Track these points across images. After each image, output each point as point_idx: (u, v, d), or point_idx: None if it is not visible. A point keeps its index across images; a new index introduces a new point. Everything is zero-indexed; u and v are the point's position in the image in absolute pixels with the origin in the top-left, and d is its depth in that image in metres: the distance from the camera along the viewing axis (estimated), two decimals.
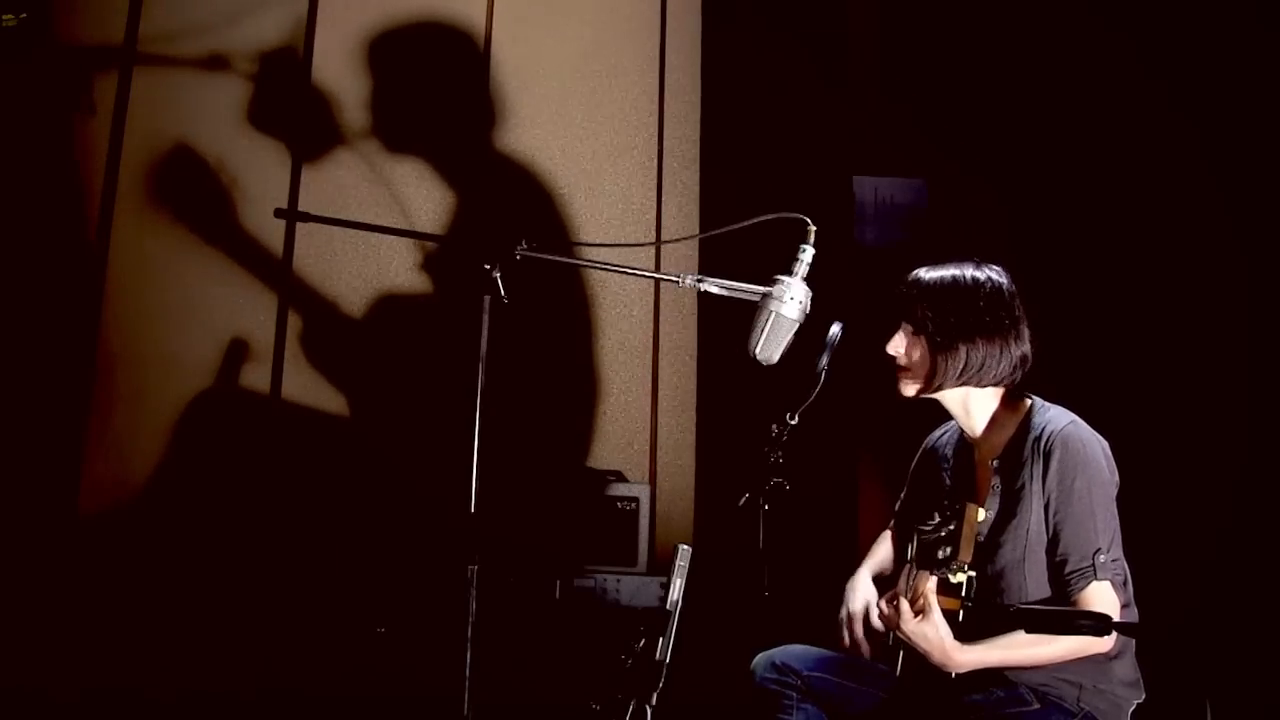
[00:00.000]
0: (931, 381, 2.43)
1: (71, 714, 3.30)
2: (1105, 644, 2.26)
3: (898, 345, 2.47)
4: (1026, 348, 2.43)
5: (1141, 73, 3.73)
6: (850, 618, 2.51)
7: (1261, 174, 3.54)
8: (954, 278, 2.43)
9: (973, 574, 2.25)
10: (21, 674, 3.27)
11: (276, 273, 3.74)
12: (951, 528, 2.22)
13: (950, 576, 2.22)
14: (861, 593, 2.55)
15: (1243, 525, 3.37)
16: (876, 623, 2.40)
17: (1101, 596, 2.26)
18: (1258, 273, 3.53)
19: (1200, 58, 3.66)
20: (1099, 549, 2.26)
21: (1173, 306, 3.61)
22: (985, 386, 2.45)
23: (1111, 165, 3.73)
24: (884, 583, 2.58)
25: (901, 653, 2.39)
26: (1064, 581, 2.28)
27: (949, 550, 2.21)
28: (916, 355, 2.45)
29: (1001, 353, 2.40)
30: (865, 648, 2.47)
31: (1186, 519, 3.36)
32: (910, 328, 2.46)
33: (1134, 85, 3.74)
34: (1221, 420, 3.48)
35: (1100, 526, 2.28)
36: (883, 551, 2.71)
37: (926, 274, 2.46)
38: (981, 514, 2.25)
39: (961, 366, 2.40)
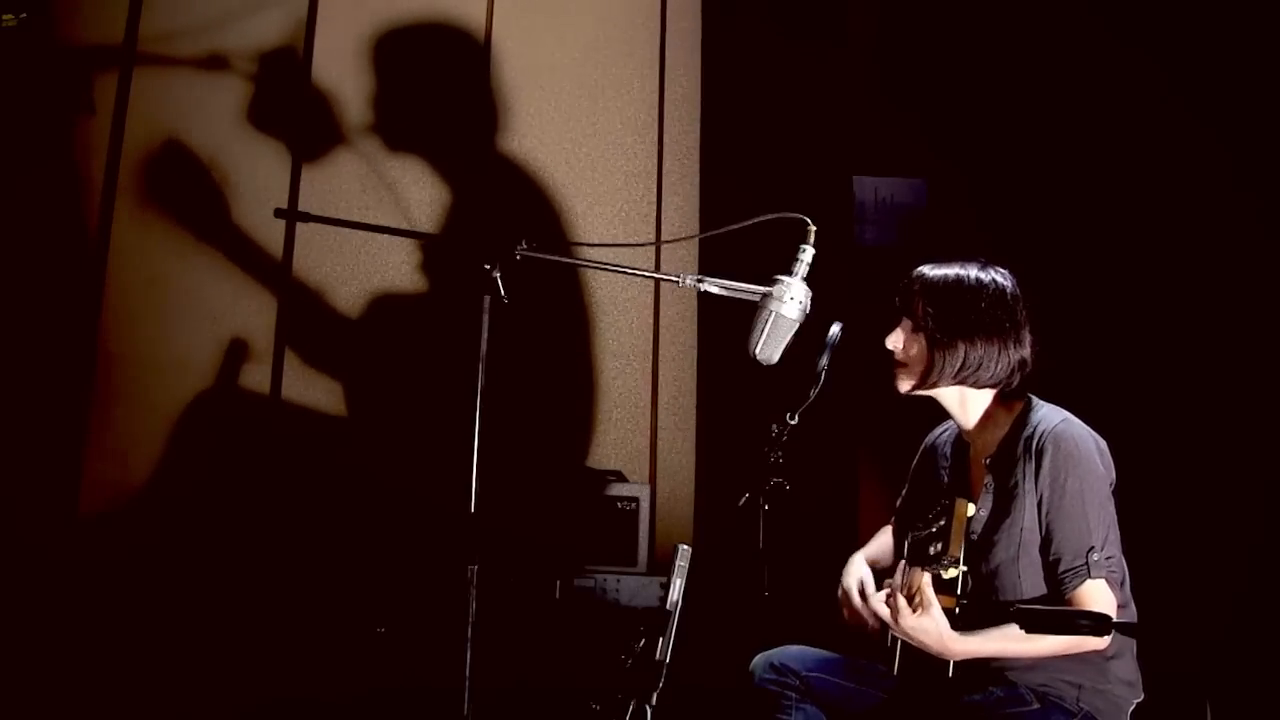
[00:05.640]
0: (927, 378, 2.43)
1: (71, 714, 3.30)
2: (1101, 641, 2.26)
3: (896, 340, 2.48)
4: (1026, 352, 2.42)
5: (1142, 71, 3.73)
6: (845, 593, 2.51)
7: (1262, 171, 3.54)
8: (958, 277, 2.43)
9: (965, 569, 2.26)
10: (21, 674, 3.27)
11: (276, 273, 3.74)
12: (942, 523, 2.23)
13: (943, 573, 2.23)
14: (855, 572, 2.55)
15: (1242, 525, 3.37)
16: (880, 610, 2.38)
17: (1096, 594, 2.26)
18: (1258, 271, 3.53)
19: (1202, 55, 3.66)
20: (1092, 546, 2.26)
21: (1173, 305, 3.61)
22: (982, 388, 2.45)
23: (1112, 165, 3.74)
24: (880, 574, 2.58)
25: (899, 652, 2.39)
26: (1058, 580, 2.28)
27: (940, 546, 2.21)
28: (914, 351, 2.45)
29: (1000, 354, 2.40)
30: (867, 619, 2.45)
31: (1186, 519, 3.36)
32: (910, 323, 2.46)
33: (1135, 84, 3.75)
34: (1222, 419, 3.48)
35: (1093, 524, 2.28)
36: (881, 541, 2.71)
37: (930, 271, 2.46)
38: (971, 509, 2.25)
39: (959, 365, 2.40)
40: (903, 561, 2.42)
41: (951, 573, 2.23)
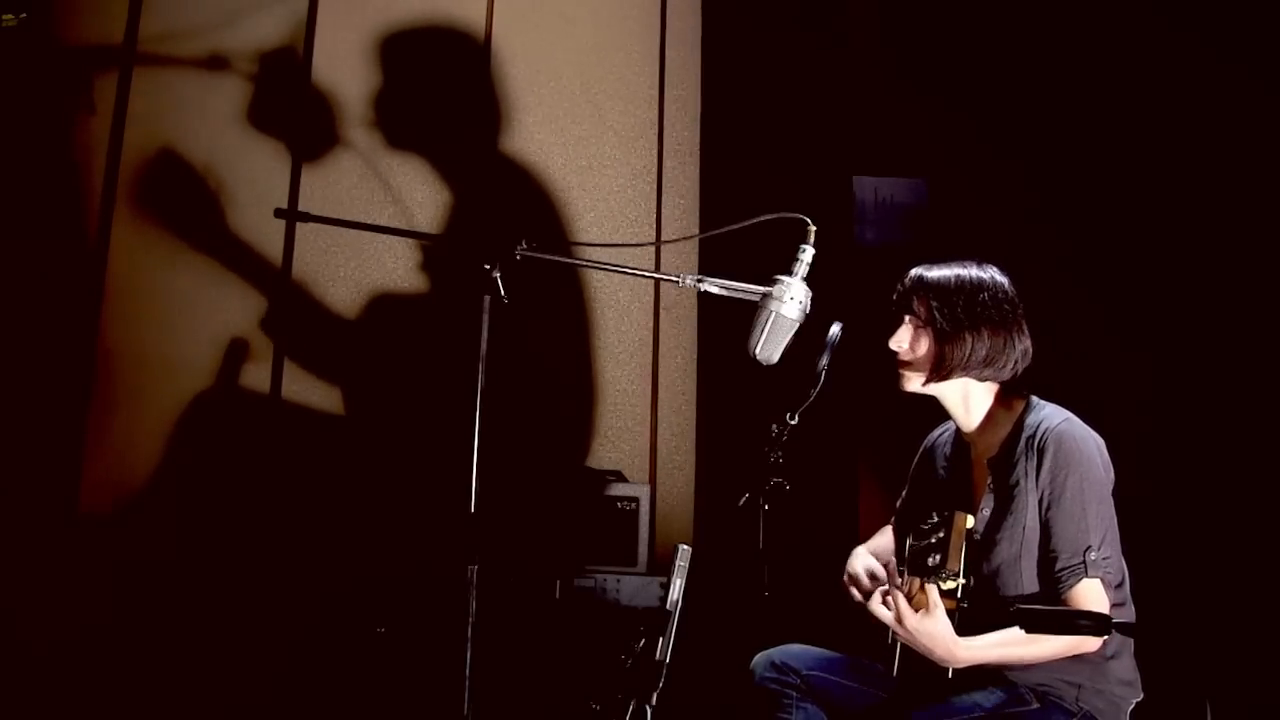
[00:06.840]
0: (937, 372, 2.44)
1: (71, 713, 3.30)
2: (1097, 641, 2.26)
3: (902, 339, 2.48)
4: (1028, 343, 2.45)
5: (1142, 70, 3.74)
6: (853, 577, 2.54)
7: (1262, 172, 3.55)
8: (958, 273, 2.46)
9: (963, 581, 2.27)
10: (21, 674, 3.27)
11: (276, 273, 3.74)
12: (941, 535, 2.25)
13: (941, 584, 2.24)
14: (860, 559, 2.58)
15: (1242, 525, 3.37)
16: (878, 611, 2.37)
17: (1090, 594, 2.26)
18: (1257, 271, 3.53)
19: (1203, 54, 3.66)
20: (1090, 546, 2.27)
21: (1174, 305, 3.61)
22: (986, 380, 2.46)
23: (1113, 164, 3.74)
24: None
25: (899, 652, 2.39)
26: (1054, 578, 2.29)
27: (938, 558, 2.24)
28: (922, 349, 2.46)
29: (1005, 345, 2.42)
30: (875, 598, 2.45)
31: (1186, 519, 3.36)
32: (915, 320, 2.46)
33: (1135, 82, 3.75)
34: (1221, 419, 3.48)
35: (1092, 524, 2.29)
36: (883, 539, 2.72)
37: (929, 271, 2.48)
38: (970, 521, 2.29)
39: (967, 356, 2.41)
40: (901, 567, 2.42)
41: (949, 584, 2.24)
